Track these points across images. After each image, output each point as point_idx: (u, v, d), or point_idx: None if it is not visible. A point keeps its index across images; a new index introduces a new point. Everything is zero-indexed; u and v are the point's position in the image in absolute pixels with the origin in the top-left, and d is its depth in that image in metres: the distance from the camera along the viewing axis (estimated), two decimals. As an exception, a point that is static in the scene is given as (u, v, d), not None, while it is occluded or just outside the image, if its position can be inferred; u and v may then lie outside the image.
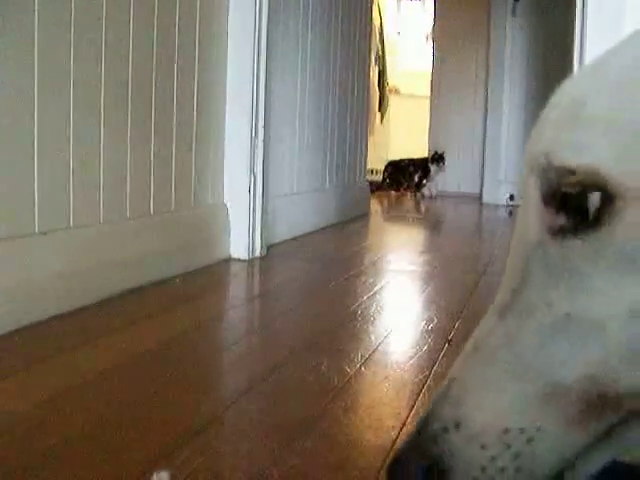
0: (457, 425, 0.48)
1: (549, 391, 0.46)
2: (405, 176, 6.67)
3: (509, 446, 0.47)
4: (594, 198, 0.44)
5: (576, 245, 0.45)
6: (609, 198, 0.43)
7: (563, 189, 0.45)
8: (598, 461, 0.49)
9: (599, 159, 0.43)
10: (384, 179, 6.79)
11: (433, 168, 6.51)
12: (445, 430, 0.49)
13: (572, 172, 0.45)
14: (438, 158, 6.50)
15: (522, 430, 0.47)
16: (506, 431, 0.47)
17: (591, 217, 0.44)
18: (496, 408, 0.47)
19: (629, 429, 0.47)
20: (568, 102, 0.48)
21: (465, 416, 0.48)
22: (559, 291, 0.46)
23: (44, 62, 1.77)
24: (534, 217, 0.48)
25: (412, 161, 6.70)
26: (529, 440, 0.46)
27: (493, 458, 0.47)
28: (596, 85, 0.47)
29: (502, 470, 0.47)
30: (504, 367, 0.48)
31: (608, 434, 0.47)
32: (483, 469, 0.47)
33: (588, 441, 0.47)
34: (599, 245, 0.44)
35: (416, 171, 6.61)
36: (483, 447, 0.47)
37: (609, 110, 0.45)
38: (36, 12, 1.73)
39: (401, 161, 6.78)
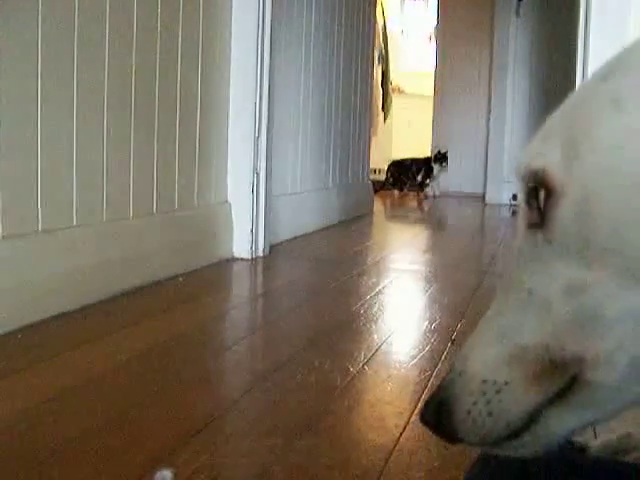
0: (460, 374, 0.60)
1: (516, 353, 0.56)
2: (408, 175, 6.63)
3: (484, 394, 0.57)
4: (542, 193, 0.54)
5: (539, 235, 0.56)
6: (551, 194, 0.54)
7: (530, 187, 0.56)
8: (556, 424, 0.57)
9: (549, 162, 0.54)
10: (387, 178, 6.78)
11: (436, 167, 6.47)
12: (453, 379, 0.60)
13: (535, 173, 0.55)
14: (441, 157, 6.47)
15: (494, 382, 0.57)
16: (484, 382, 0.57)
17: (542, 210, 0.55)
18: (481, 363, 0.58)
19: (575, 393, 0.55)
20: (548, 120, 0.59)
21: (465, 368, 0.59)
22: (528, 272, 0.57)
23: (47, 62, 1.77)
24: (521, 216, 0.58)
25: (415, 160, 6.66)
26: (498, 391, 0.57)
27: (474, 403, 0.58)
28: (563, 106, 0.58)
29: (479, 413, 0.58)
30: (491, 332, 0.58)
31: (559, 396, 0.56)
32: (468, 412, 0.58)
33: (542, 400, 0.56)
34: (547, 234, 0.55)
35: (419, 171, 6.57)
36: (470, 394, 0.58)
37: (563, 125, 0.56)
38: (39, 12, 1.73)
39: (404, 160, 6.75)
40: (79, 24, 1.87)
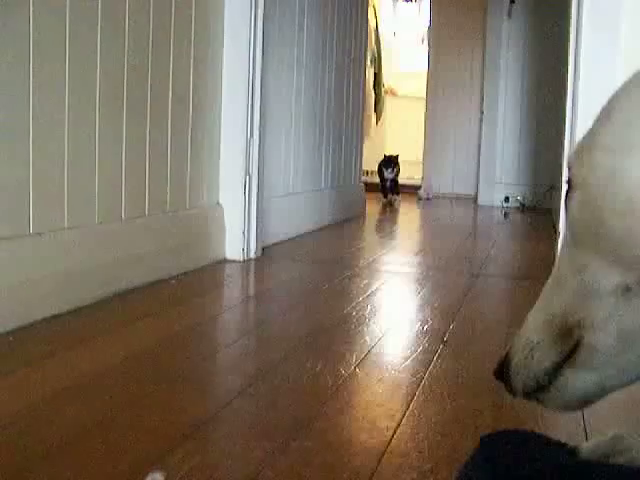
0: (517, 335, 0.71)
1: (547, 318, 0.68)
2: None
3: (524, 350, 0.69)
4: (566, 186, 0.65)
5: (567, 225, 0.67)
6: (570, 186, 0.64)
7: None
8: (571, 382, 0.67)
9: (570, 161, 0.66)
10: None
11: (386, 172, 6.06)
12: (514, 340, 0.72)
13: (568, 172, 0.66)
14: (387, 162, 6.08)
15: (532, 341, 0.68)
16: (526, 340, 0.69)
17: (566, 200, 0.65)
18: (528, 327, 0.70)
19: (579, 355, 0.65)
20: None
21: (520, 330, 0.71)
22: (561, 254, 0.68)
23: (39, 64, 1.76)
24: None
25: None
26: (532, 349, 0.68)
27: (518, 357, 0.70)
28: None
29: (520, 366, 0.69)
30: (539, 303, 0.70)
31: (569, 357, 0.66)
32: (515, 363, 0.70)
33: (558, 358, 0.67)
34: (567, 222, 0.66)
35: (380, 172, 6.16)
36: (519, 351, 0.70)
37: (583, 138, 0.66)
38: (30, 14, 1.73)
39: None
40: (70, 25, 1.87)
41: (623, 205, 0.59)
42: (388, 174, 6.11)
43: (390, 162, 6.13)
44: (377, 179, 6.29)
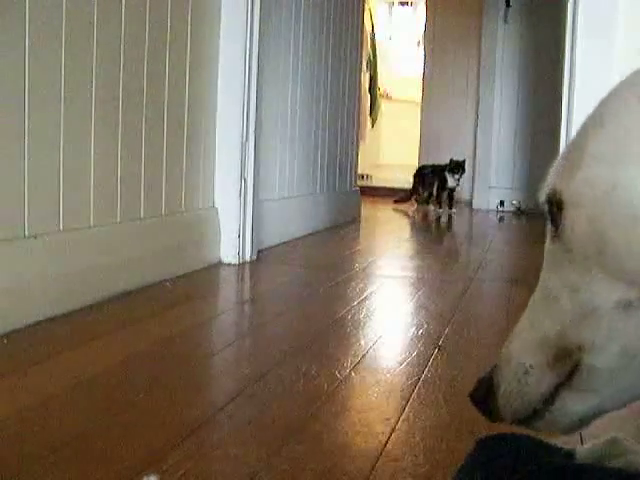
0: (504, 359, 0.68)
1: (542, 341, 0.65)
2: (425, 186, 5.86)
3: (516, 374, 0.66)
4: (555, 207, 0.62)
5: (557, 245, 0.64)
6: (560, 206, 0.61)
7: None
8: (568, 406, 0.65)
9: (559, 182, 0.62)
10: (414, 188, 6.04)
11: (450, 179, 5.71)
12: (499, 364, 0.69)
13: (551, 193, 0.63)
14: (455, 167, 5.69)
15: (524, 365, 0.66)
16: (517, 364, 0.66)
17: (554, 220, 0.63)
18: (518, 349, 0.67)
19: (578, 377, 0.63)
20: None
21: (508, 353, 0.68)
22: (548, 274, 0.66)
23: (34, 68, 1.76)
24: (547, 229, 0.65)
25: (435, 168, 5.88)
26: (525, 372, 0.65)
27: (509, 382, 0.67)
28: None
29: (512, 392, 0.67)
30: (525, 321, 0.67)
31: (567, 380, 0.64)
32: (503, 388, 0.67)
33: (556, 382, 0.64)
34: (561, 243, 0.63)
35: (434, 181, 5.78)
36: (509, 375, 0.67)
37: (569, 147, 0.64)
38: (26, 27, 1.72)
39: (424, 168, 6.04)
40: (67, 34, 1.86)
41: (627, 219, 0.56)
42: (453, 182, 5.70)
43: (459, 167, 5.68)
44: (373, 183, 6.27)
